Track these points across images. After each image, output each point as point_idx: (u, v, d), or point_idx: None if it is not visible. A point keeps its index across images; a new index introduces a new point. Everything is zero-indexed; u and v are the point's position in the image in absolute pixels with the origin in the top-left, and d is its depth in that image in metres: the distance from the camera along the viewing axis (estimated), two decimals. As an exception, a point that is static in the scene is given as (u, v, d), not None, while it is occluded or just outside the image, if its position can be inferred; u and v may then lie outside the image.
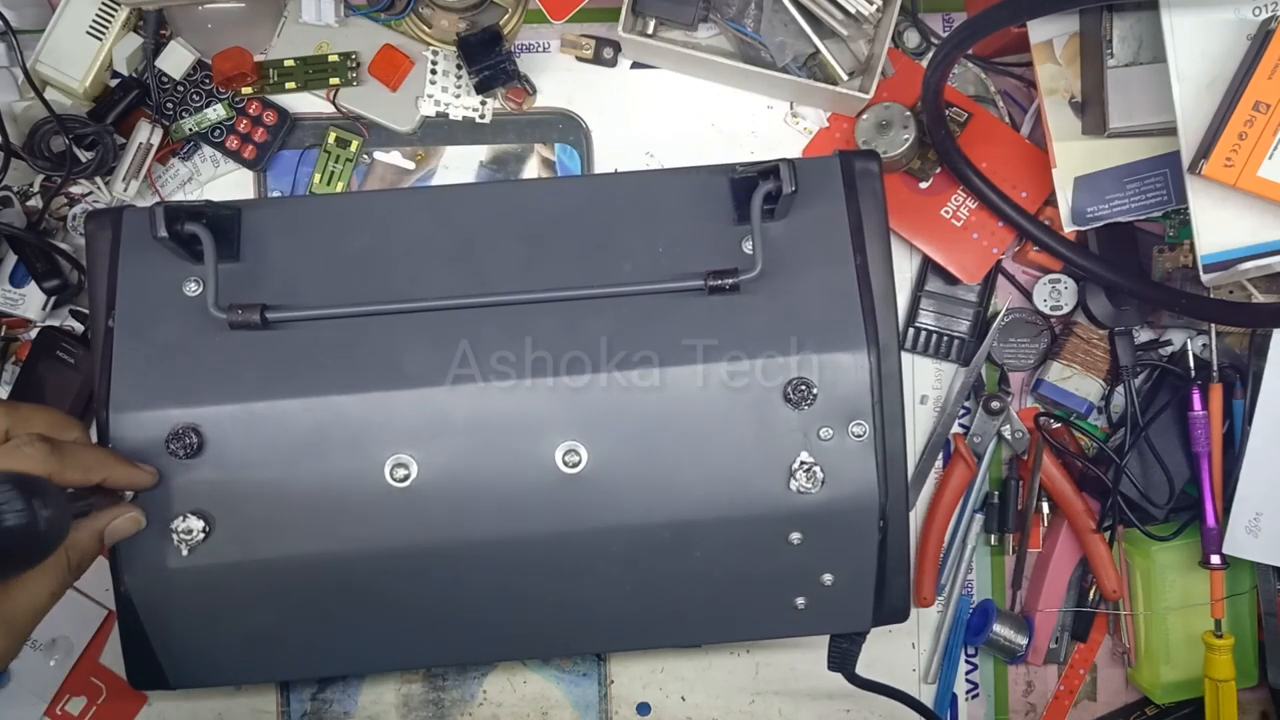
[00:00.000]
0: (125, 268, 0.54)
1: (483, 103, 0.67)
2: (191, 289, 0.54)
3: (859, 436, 0.53)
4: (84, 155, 0.63)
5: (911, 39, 0.66)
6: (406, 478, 0.52)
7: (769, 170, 0.52)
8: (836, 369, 0.53)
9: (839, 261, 0.54)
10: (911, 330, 0.67)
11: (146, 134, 0.64)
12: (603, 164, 0.67)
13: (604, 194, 0.56)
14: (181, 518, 0.51)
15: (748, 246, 0.54)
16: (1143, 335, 0.67)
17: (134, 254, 0.54)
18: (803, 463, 0.52)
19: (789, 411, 0.53)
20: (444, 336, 0.53)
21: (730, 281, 0.52)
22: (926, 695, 0.68)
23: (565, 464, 0.53)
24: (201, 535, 0.51)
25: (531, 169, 0.67)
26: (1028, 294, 0.67)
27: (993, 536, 0.69)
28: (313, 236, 0.55)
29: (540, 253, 0.55)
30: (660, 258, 0.54)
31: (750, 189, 0.53)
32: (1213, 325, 0.64)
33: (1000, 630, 0.67)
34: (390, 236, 0.55)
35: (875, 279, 0.54)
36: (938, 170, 0.65)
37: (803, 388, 0.52)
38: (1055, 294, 0.66)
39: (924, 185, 0.65)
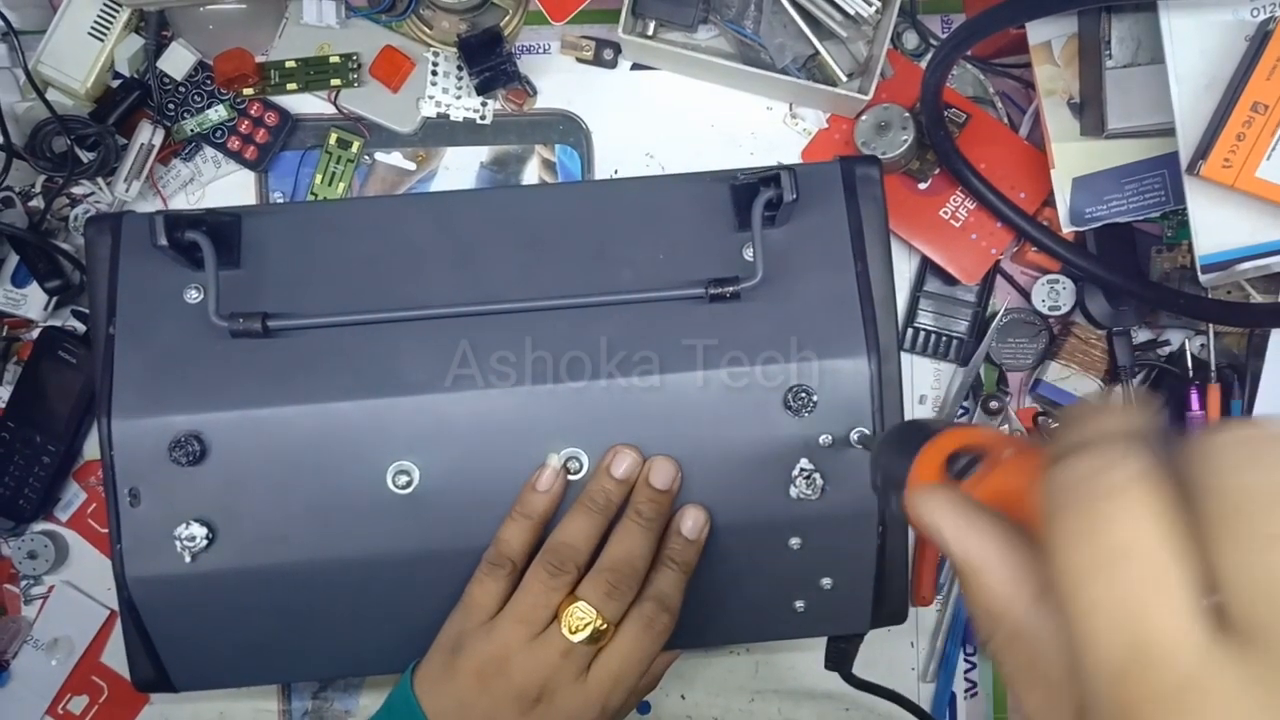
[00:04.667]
0: (125, 274, 0.54)
1: (483, 104, 0.67)
2: (192, 296, 0.54)
3: (859, 443, 0.53)
4: (86, 156, 0.63)
5: (910, 40, 0.67)
6: (409, 485, 0.52)
7: (770, 177, 0.52)
8: (837, 376, 0.53)
9: (839, 268, 0.54)
10: (910, 330, 0.67)
11: (148, 135, 0.64)
12: (603, 165, 0.68)
13: (604, 200, 0.56)
14: (184, 525, 0.51)
15: (748, 253, 0.54)
16: (1141, 335, 0.67)
17: (134, 260, 0.54)
18: (803, 469, 0.52)
19: (789, 418, 0.53)
20: (445, 344, 0.53)
21: (731, 290, 0.52)
22: (925, 694, 0.68)
23: (568, 471, 0.53)
24: (204, 542, 0.52)
25: (532, 170, 0.67)
26: (1026, 294, 0.67)
27: (992, 535, 0.69)
28: (313, 243, 0.55)
29: (540, 259, 0.55)
30: (661, 265, 0.54)
31: (751, 196, 0.53)
32: (1211, 325, 0.65)
33: (999, 629, 0.67)
34: (391, 243, 0.55)
35: (876, 285, 0.54)
36: (936, 171, 0.65)
37: (803, 395, 0.52)
38: (1053, 294, 0.66)
39: (923, 186, 0.66)
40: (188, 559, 0.52)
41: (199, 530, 0.51)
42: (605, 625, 0.49)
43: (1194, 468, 0.21)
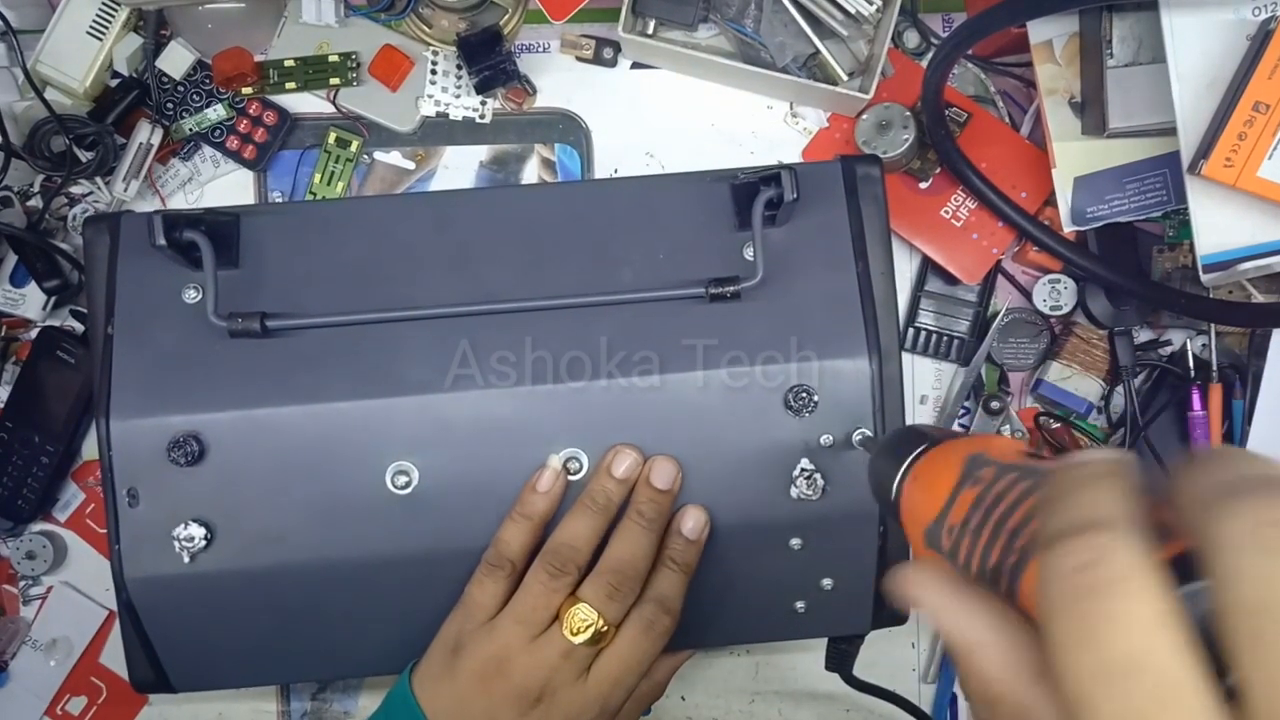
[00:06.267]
0: (123, 274, 0.54)
1: (483, 103, 0.66)
2: (190, 296, 0.54)
3: (860, 444, 0.53)
4: (84, 155, 0.63)
5: (911, 39, 0.66)
6: (408, 485, 0.52)
7: (770, 176, 0.51)
8: (838, 376, 0.53)
9: (840, 268, 0.54)
10: (911, 330, 0.67)
11: (147, 134, 0.64)
12: (603, 164, 0.67)
13: (604, 199, 0.56)
14: (183, 525, 0.51)
15: (749, 253, 0.54)
16: (1142, 335, 0.67)
17: (132, 260, 0.54)
18: (803, 470, 0.52)
19: (790, 418, 0.53)
20: (444, 344, 0.53)
21: (731, 289, 0.52)
22: (926, 695, 0.68)
23: (568, 471, 0.53)
24: (203, 543, 0.52)
25: (531, 169, 0.67)
26: (1027, 294, 0.67)
27: (992, 535, 0.69)
28: (312, 242, 0.55)
29: (540, 259, 0.55)
30: (661, 264, 0.54)
31: (752, 195, 0.52)
32: (1212, 325, 0.64)
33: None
34: (390, 242, 0.55)
35: (876, 285, 0.54)
36: (937, 170, 0.65)
37: (804, 395, 0.52)
38: (1055, 294, 0.66)
39: (924, 185, 0.65)
40: (186, 559, 0.52)
41: (197, 531, 0.51)
42: (606, 627, 0.49)
43: (1209, 560, 0.20)
